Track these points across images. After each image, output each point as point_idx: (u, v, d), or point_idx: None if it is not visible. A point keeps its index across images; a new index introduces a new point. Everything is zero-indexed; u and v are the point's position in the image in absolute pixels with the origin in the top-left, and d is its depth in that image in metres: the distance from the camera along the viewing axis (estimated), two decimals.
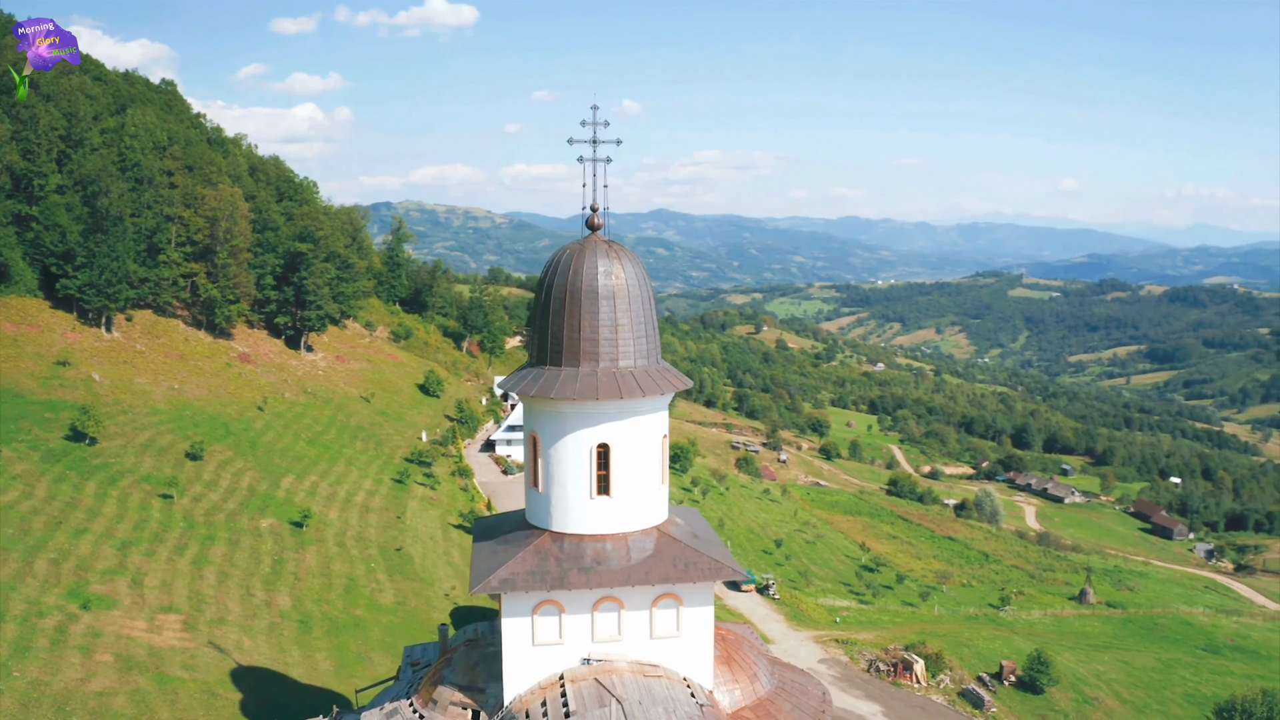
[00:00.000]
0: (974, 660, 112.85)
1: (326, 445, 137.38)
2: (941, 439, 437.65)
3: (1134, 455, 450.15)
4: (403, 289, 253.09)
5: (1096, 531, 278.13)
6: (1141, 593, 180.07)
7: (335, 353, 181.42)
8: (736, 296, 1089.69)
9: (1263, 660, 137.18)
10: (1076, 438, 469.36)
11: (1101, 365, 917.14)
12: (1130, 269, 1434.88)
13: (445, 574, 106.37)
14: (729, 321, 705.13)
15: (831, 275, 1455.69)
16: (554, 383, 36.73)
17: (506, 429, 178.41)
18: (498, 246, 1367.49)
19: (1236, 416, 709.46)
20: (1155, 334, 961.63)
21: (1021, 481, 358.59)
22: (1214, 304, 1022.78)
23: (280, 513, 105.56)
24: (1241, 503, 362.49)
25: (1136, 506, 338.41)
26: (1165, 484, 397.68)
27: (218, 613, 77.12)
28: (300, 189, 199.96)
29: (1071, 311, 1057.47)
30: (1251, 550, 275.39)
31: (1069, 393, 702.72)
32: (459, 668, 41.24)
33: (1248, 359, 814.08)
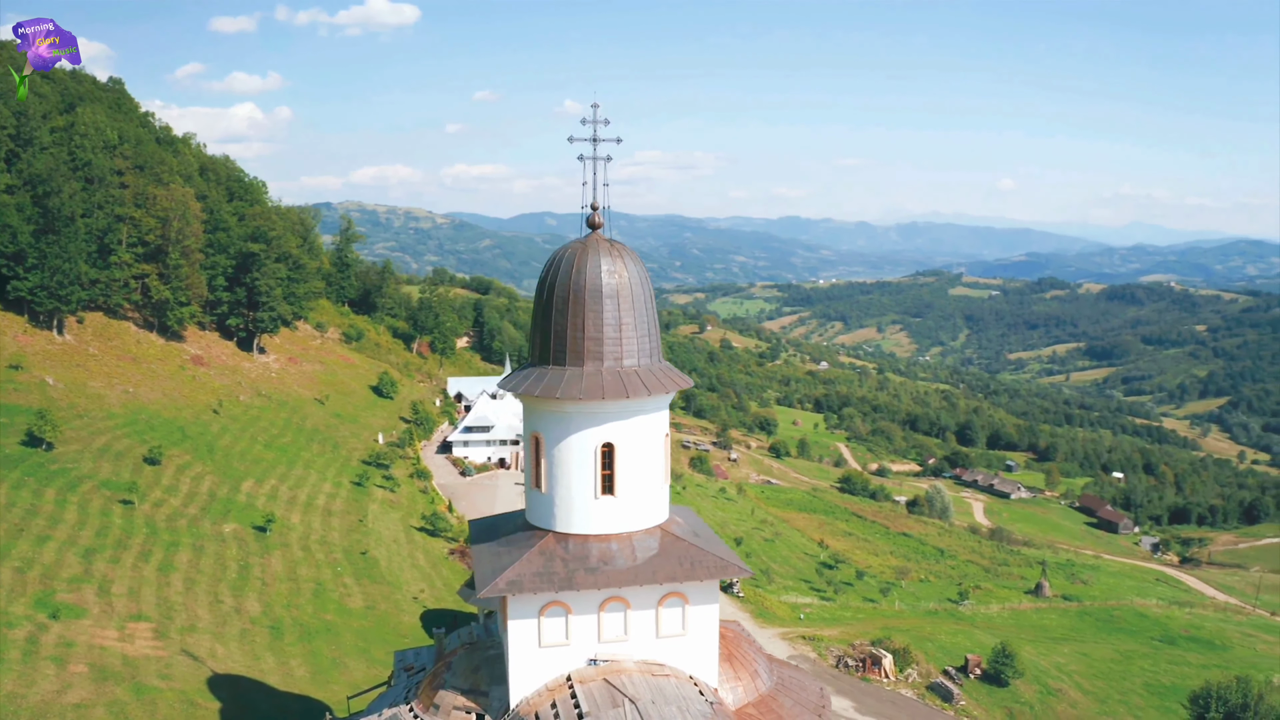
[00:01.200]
0: (938, 654, 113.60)
1: (284, 448, 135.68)
2: (888, 436, 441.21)
3: (1076, 451, 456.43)
4: (352, 290, 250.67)
5: (1044, 526, 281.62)
6: (1095, 586, 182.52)
7: (287, 354, 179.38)
8: (679, 296, 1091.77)
9: (1218, 650, 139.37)
10: (1019, 434, 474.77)
11: (1041, 362, 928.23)
12: (1068, 267, 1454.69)
13: (412, 577, 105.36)
14: (673, 321, 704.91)
15: (773, 275, 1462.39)
16: (558, 382, 36.34)
17: (463, 430, 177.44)
18: (439, 247, 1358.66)
19: (1175, 412, 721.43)
20: (1094, 331, 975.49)
21: (968, 478, 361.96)
22: (1151, 302, 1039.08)
23: (242, 517, 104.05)
24: (1184, 497, 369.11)
25: (1081, 501, 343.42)
26: (1108, 479, 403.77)
27: (188, 620, 75.75)
28: (250, 189, 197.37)
29: (1011, 310, 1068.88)
30: (1196, 543, 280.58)
31: (1010, 390, 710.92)
32: (459, 671, 40.64)
33: (1185, 355, 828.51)
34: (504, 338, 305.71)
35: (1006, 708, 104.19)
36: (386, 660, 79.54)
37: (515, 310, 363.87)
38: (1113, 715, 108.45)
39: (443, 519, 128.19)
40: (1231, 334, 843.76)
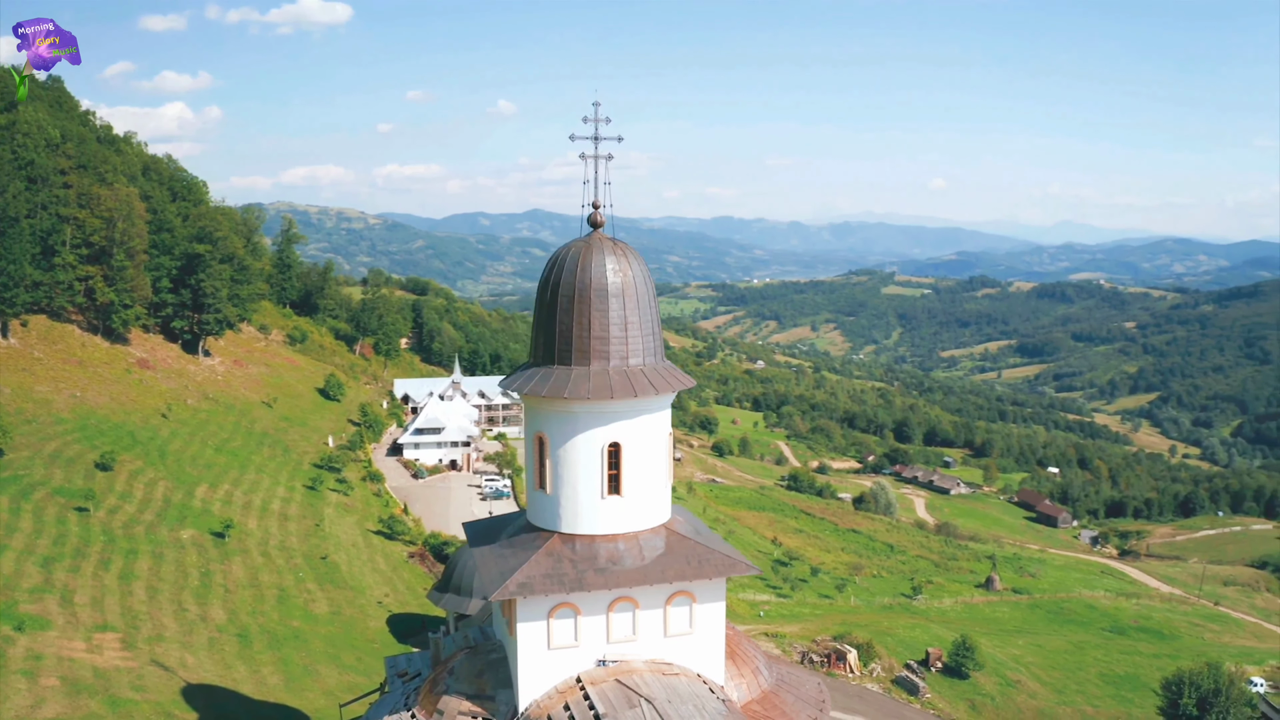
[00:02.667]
0: (898, 649, 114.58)
1: (235, 452, 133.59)
2: (827, 434, 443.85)
3: (1012, 447, 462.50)
4: (293, 291, 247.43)
5: (985, 521, 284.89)
6: (1043, 579, 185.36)
7: (232, 357, 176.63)
8: None
9: (1166, 639, 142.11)
10: (956, 431, 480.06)
11: (973, 360, 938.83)
12: (999, 266, 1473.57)
13: (374, 581, 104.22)
14: None
15: (707, 274, 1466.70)
16: (565, 382, 35.94)
17: (414, 433, 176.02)
18: (371, 248, 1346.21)
19: (1106, 407, 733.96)
20: (1025, 329, 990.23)
21: (908, 474, 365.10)
22: (1081, 299, 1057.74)
23: (199, 523, 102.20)
24: (1120, 491, 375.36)
25: (1020, 496, 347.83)
26: (1045, 474, 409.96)
27: (154, 629, 74.15)
28: (193, 188, 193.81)
29: (943, 308, 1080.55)
30: (1134, 536, 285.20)
31: (944, 387, 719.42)
32: (463, 676, 40.02)
33: (1115, 352, 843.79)
34: (444, 339, 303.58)
35: (969, 700, 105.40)
36: (358, 666, 78.59)
37: (454, 311, 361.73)
38: (1071, 705, 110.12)
39: (400, 522, 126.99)
40: (1160, 331, 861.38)
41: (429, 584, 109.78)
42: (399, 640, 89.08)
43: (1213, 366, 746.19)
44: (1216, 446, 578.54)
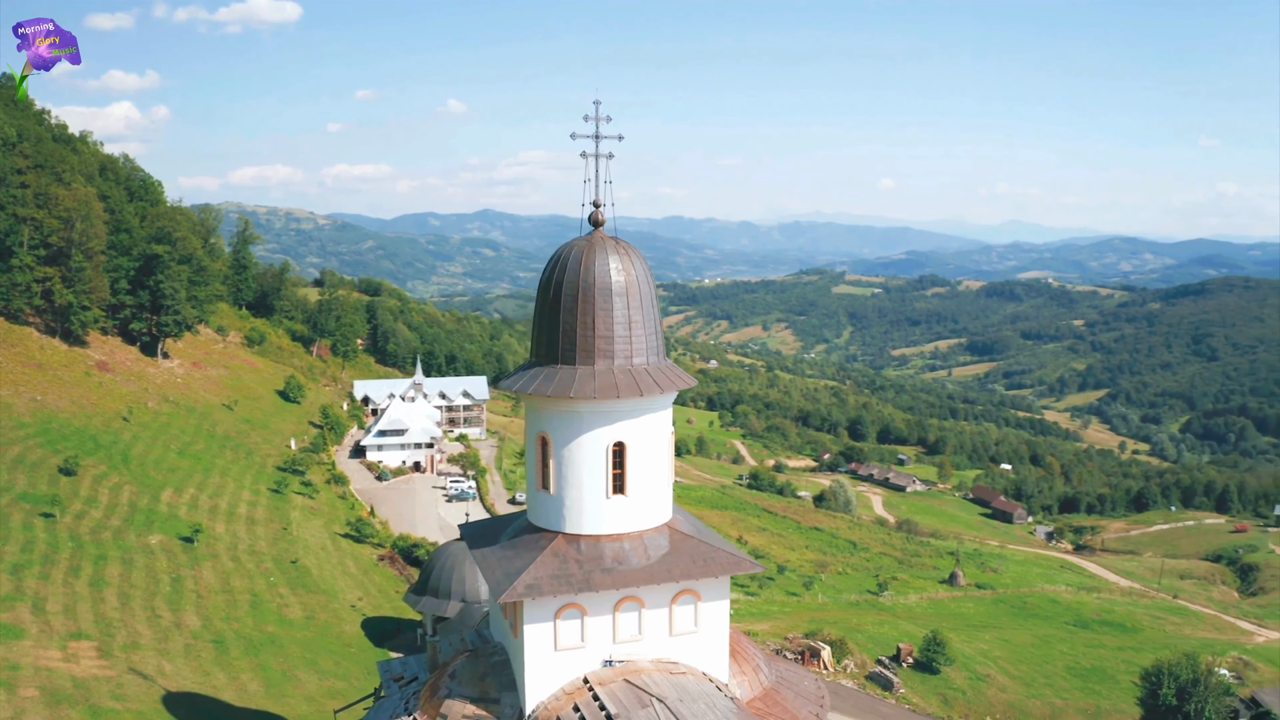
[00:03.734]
0: (869, 645, 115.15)
1: (198, 456, 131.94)
2: (783, 433, 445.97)
3: (965, 444, 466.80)
4: (249, 292, 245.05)
5: (942, 518, 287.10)
6: (1005, 574, 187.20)
7: (191, 359, 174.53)
8: None
9: (1130, 632, 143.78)
10: (909, 428, 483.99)
11: (924, 358, 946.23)
12: (948, 265, 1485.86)
13: (345, 585, 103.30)
14: None
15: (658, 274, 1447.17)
16: (570, 382, 35.75)
17: (377, 434, 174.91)
18: (321, 248, 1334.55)
19: (1055, 405, 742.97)
20: (974, 327, 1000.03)
21: (864, 472, 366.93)
22: (1030, 298, 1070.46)
23: (166, 528, 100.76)
24: (1072, 487, 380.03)
25: (975, 493, 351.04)
26: (998, 470, 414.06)
27: (129, 637, 72.90)
28: (150, 188, 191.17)
29: (893, 307, 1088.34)
30: (1089, 531, 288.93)
31: (896, 385, 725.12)
32: (465, 679, 39.63)
33: (1064, 350, 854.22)
34: (399, 340, 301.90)
35: (941, 694, 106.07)
36: (337, 671, 77.79)
37: (408, 312, 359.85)
38: (1040, 698, 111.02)
39: (368, 525, 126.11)
40: (1108, 328, 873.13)
41: (401, 587, 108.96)
42: (375, 644, 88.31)
43: (1160, 364, 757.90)
44: (1165, 442, 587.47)
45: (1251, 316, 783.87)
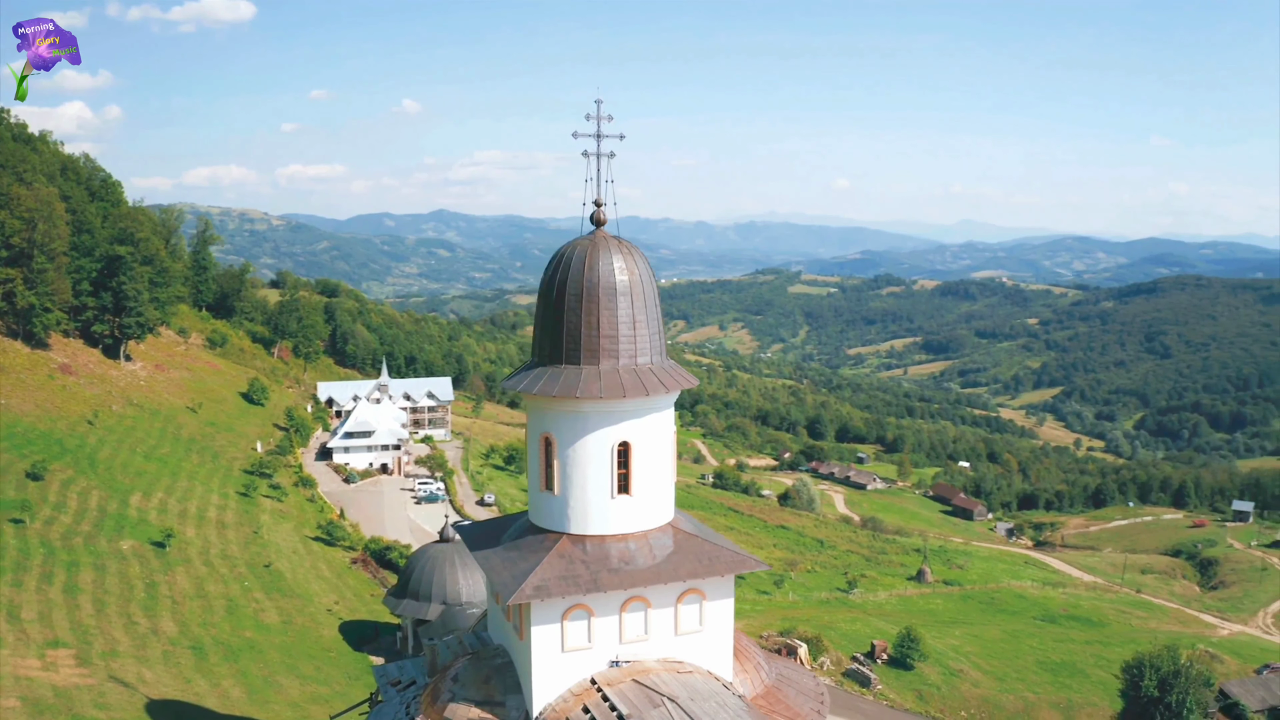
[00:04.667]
0: (843, 642, 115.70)
1: (164, 460, 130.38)
2: (743, 432, 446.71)
3: (923, 442, 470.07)
4: (209, 294, 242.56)
5: (903, 515, 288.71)
6: (971, 570, 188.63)
7: (154, 361, 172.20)
8: (521, 297, 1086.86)
9: (1096, 626, 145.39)
10: (867, 427, 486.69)
11: (880, 357, 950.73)
12: (902, 265, 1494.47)
13: (320, 589, 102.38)
14: (519, 322, 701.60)
15: None
16: (576, 382, 35.58)
17: (344, 436, 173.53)
18: (275, 249, 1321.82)
19: (1010, 403, 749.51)
20: (929, 326, 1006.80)
21: (824, 471, 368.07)
22: (984, 297, 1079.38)
23: (137, 533, 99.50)
24: (1031, 483, 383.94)
25: (935, 490, 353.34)
26: (956, 468, 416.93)
27: (107, 644, 71.84)
28: (111, 188, 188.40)
29: (849, 306, 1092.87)
30: (1048, 527, 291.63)
31: (853, 384, 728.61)
32: (468, 682, 39.31)
33: (1018, 348, 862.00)
34: (358, 341, 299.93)
35: (916, 690, 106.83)
36: (318, 676, 77.05)
37: (367, 313, 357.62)
38: (1013, 693, 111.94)
39: (339, 528, 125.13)
40: (1062, 327, 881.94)
41: (376, 590, 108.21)
42: (354, 648, 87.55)
43: (1114, 361, 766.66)
44: (1120, 439, 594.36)
45: (1204, 315, 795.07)
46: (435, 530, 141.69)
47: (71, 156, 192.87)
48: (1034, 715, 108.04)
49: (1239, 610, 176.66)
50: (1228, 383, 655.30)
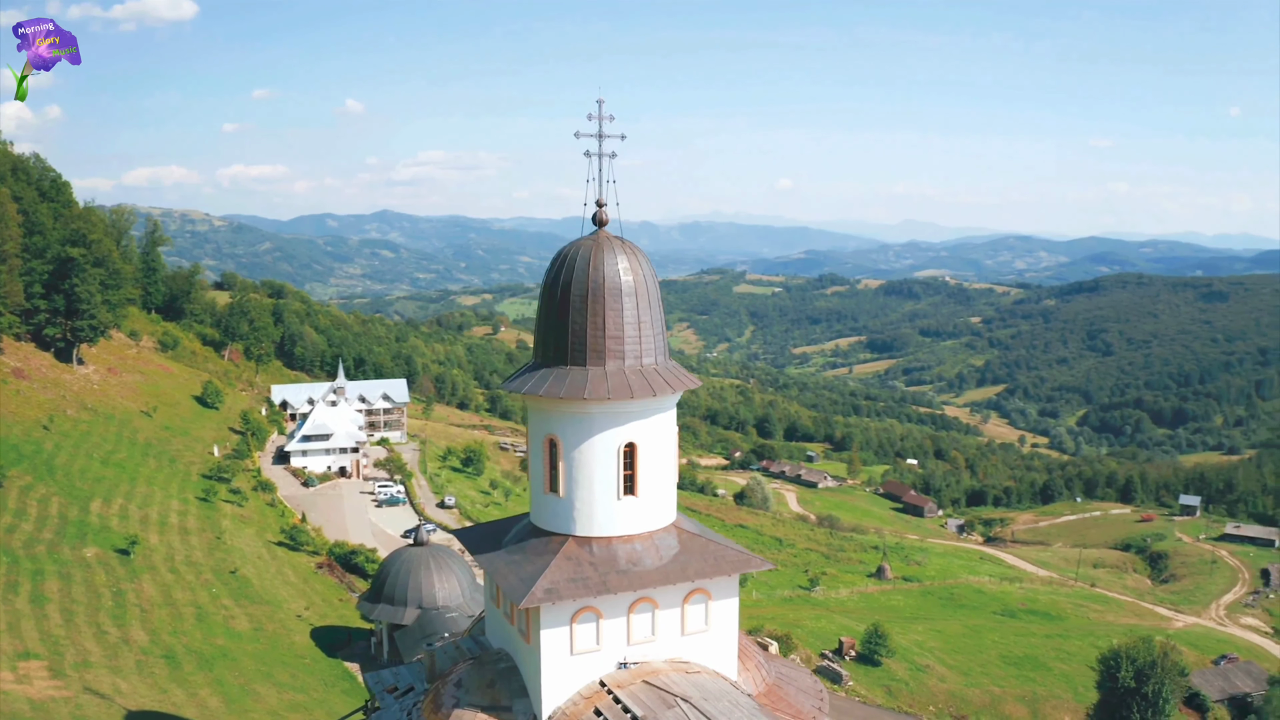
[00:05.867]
0: (810, 640, 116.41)
1: (122, 465, 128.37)
2: (693, 432, 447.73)
3: (871, 440, 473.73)
4: (159, 296, 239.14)
5: (855, 513, 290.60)
6: (929, 566, 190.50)
7: (106, 365, 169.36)
8: (466, 298, 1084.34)
9: (1055, 620, 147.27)
10: (816, 426, 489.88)
11: (825, 356, 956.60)
12: (846, 264, 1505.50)
13: (288, 595, 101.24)
14: (465, 323, 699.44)
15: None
16: (583, 383, 35.37)
17: (301, 440, 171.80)
18: (217, 250, 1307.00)
19: (955, 400, 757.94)
20: (874, 325, 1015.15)
21: (775, 469, 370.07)
22: (928, 296, 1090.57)
23: (100, 540, 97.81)
24: (978, 480, 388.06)
25: (885, 488, 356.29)
26: (905, 465, 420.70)
27: (78, 655, 70.48)
28: (61, 189, 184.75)
29: (794, 306, 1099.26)
30: (998, 523, 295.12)
31: (799, 383, 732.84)
32: (472, 688, 38.94)
33: (962, 346, 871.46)
34: (306, 343, 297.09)
35: (885, 686, 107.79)
36: (294, 684, 76.15)
37: (314, 314, 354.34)
38: (979, 687, 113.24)
39: (302, 532, 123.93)
40: (1005, 325, 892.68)
41: (344, 595, 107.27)
42: (328, 654, 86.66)
43: (1057, 359, 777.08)
44: (1064, 435, 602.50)
45: (1145, 312, 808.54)
46: (398, 533, 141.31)
47: (22, 157, 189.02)
48: (1000, 709, 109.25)
49: (1192, 602, 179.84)
50: (1169, 379, 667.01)
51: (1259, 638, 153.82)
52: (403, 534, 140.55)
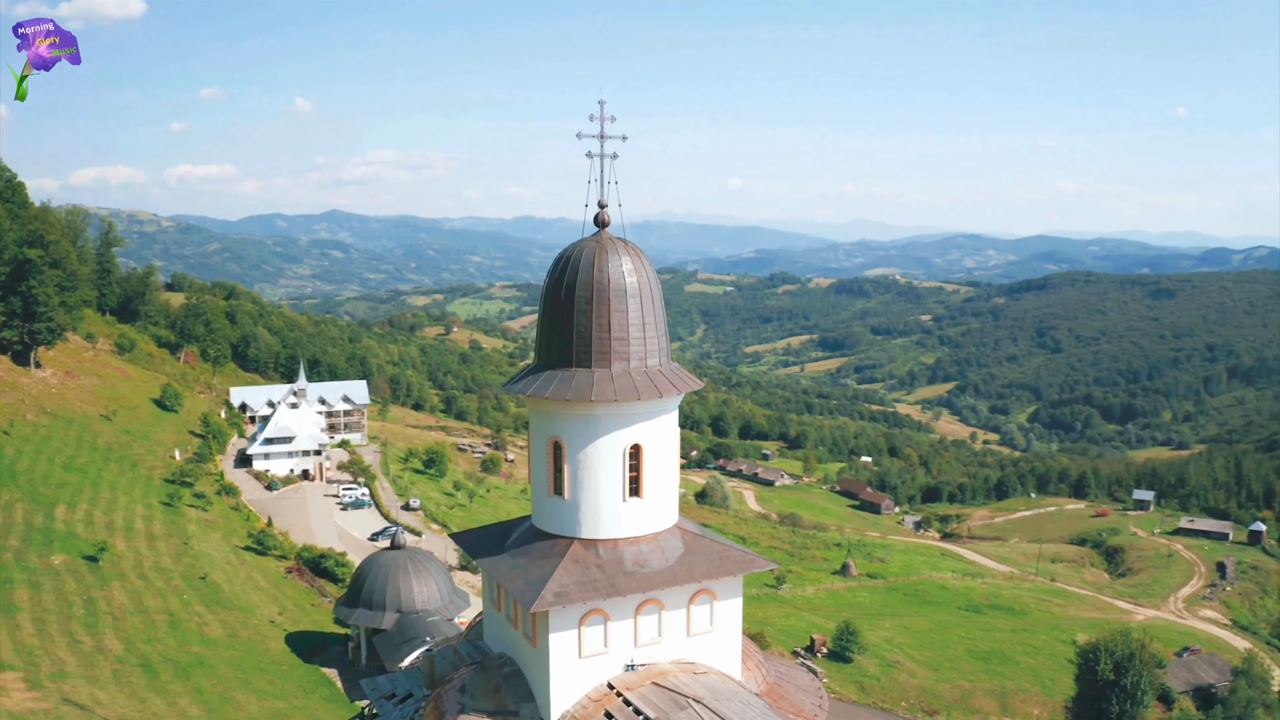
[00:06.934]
0: (781, 637, 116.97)
1: (84, 470, 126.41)
2: None
3: (825, 438, 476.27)
4: (113, 298, 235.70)
5: (813, 511, 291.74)
6: (892, 563, 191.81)
7: (64, 368, 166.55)
8: (417, 298, 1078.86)
9: (1019, 615, 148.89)
10: (770, 424, 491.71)
11: (777, 355, 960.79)
12: (797, 263, 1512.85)
13: (259, 600, 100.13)
14: (418, 323, 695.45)
15: (510, 275, 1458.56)
16: (590, 385, 35.28)
17: (264, 443, 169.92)
18: (165, 251, 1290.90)
19: (906, 398, 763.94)
20: (825, 324, 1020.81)
21: (732, 468, 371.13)
22: (878, 294, 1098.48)
23: (68, 547, 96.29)
24: (933, 476, 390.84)
25: (842, 485, 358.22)
26: (859, 463, 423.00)
27: (54, 665, 69.30)
28: (16, 189, 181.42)
29: (745, 304, 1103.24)
30: (954, 519, 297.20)
31: (752, 382, 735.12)
32: (478, 693, 38.73)
33: (913, 344, 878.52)
34: (260, 344, 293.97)
35: (857, 682, 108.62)
36: (273, 691, 75.38)
37: (267, 316, 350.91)
38: (949, 681, 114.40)
39: (270, 537, 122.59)
40: (955, 323, 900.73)
41: (315, 599, 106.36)
42: (304, 660, 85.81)
43: (1007, 356, 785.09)
44: (1014, 432, 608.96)
45: (1093, 309, 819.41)
46: (365, 537, 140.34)
47: None
48: (971, 703, 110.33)
49: (1150, 596, 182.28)
50: (1118, 375, 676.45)
51: (1219, 629, 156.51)
52: (369, 537, 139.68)
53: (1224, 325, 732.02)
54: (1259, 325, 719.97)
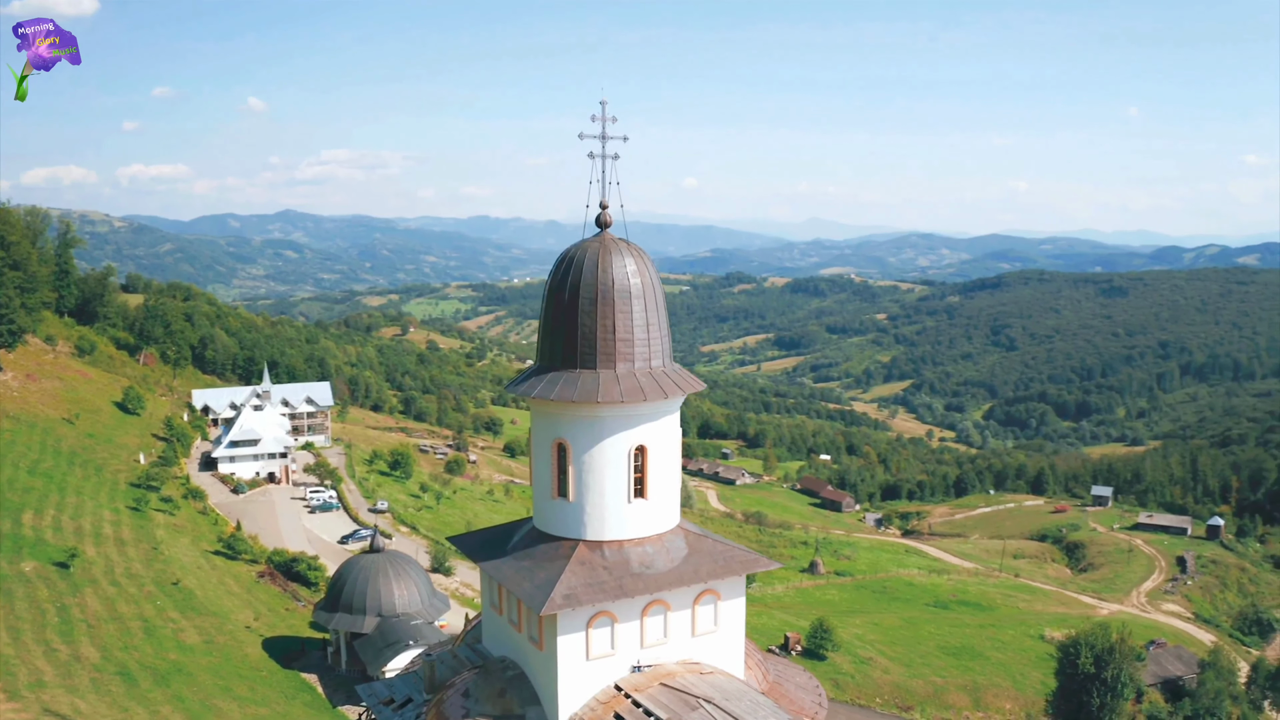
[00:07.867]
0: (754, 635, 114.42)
1: (49, 475, 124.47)
2: None
3: (784, 436, 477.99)
4: (71, 299, 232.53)
5: (775, 509, 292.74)
6: (859, 560, 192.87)
7: (25, 371, 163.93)
8: (372, 298, 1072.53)
9: (986, 610, 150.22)
10: (729, 423, 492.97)
11: (733, 354, 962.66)
12: (752, 262, 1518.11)
13: (233, 605, 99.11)
14: (374, 324, 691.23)
15: (466, 274, 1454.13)
16: (595, 386, 35.26)
17: (229, 445, 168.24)
18: (117, 252, 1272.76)
19: (863, 396, 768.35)
20: (781, 323, 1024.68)
21: (693, 467, 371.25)
22: (834, 293, 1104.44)
23: (36, 553, 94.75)
24: (892, 474, 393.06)
25: (802, 484, 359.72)
26: (818, 461, 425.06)
27: (31, 675, 68.12)
28: None
29: (701, 304, 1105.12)
30: (914, 516, 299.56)
31: (709, 381, 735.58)
32: (482, 697, 38.60)
33: (868, 343, 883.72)
34: (218, 346, 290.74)
35: (832, 680, 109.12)
36: (254, 697, 74.67)
37: (224, 317, 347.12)
38: (921, 677, 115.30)
39: (240, 541, 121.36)
40: (910, 321, 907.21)
41: (289, 604, 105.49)
42: (283, 666, 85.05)
43: (961, 354, 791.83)
44: (970, 429, 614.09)
45: (1047, 308, 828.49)
46: (334, 540, 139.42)
47: None
48: (944, 698, 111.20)
49: (1113, 590, 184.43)
50: (1072, 373, 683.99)
51: (1182, 623, 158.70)
52: (340, 540, 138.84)
53: (1176, 322, 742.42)
54: (1210, 322, 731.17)
